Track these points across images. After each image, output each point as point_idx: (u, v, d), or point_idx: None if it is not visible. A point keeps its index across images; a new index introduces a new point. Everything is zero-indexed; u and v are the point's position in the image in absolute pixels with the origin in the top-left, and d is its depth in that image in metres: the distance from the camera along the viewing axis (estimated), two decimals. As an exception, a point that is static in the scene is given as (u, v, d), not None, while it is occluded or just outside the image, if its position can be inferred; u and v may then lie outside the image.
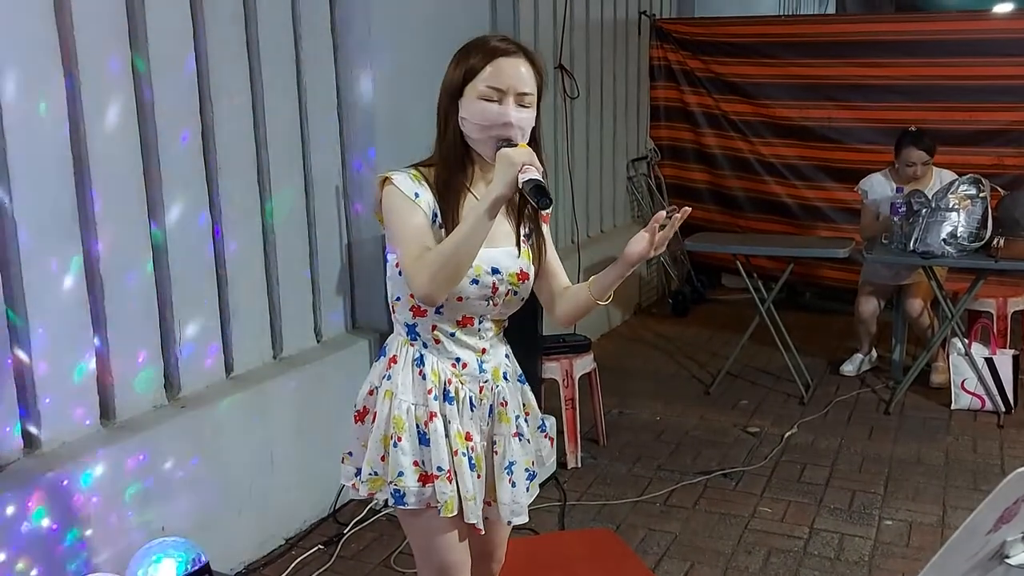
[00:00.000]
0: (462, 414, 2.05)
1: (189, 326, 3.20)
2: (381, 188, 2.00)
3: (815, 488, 3.93)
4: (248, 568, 3.33)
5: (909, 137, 4.78)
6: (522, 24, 5.05)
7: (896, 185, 4.79)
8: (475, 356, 2.08)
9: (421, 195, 1.97)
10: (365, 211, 3.89)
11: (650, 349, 5.90)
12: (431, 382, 2.02)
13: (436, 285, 1.87)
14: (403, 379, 2.03)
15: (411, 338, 2.06)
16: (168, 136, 3.05)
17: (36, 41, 2.63)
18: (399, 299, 2.05)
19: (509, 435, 2.12)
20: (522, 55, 1.97)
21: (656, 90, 6.93)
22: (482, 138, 1.95)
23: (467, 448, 2.04)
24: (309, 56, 3.65)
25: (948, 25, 5.96)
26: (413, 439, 2.02)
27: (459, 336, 2.05)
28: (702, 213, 6.82)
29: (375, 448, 2.05)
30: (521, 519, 2.14)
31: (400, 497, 2.02)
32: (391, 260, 2.05)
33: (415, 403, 2.02)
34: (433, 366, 2.03)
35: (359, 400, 2.14)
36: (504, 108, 1.92)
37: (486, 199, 1.86)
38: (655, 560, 3.39)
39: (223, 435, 3.23)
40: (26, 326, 2.67)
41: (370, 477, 2.06)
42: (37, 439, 2.74)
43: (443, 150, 2.00)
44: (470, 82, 1.94)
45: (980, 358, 4.63)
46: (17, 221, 2.61)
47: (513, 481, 2.11)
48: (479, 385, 2.08)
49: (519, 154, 1.85)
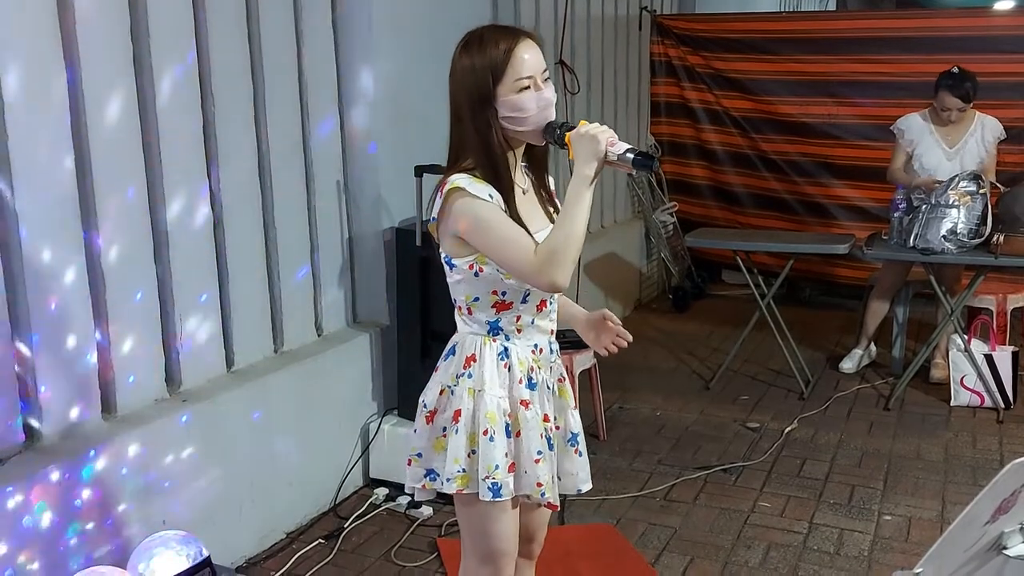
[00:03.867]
0: (542, 397, 2.13)
1: (190, 320, 3.20)
2: (446, 200, 2.00)
3: (815, 483, 3.94)
4: (249, 562, 3.33)
5: (947, 80, 4.64)
6: (523, 19, 5.06)
7: (934, 126, 4.73)
8: (547, 339, 2.17)
9: (494, 195, 1.99)
10: (366, 205, 3.90)
11: (651, 344, 5.90)
12: (518, 372, 2.09)
13: (566, 272, 1.92)
14: (490, 375, 2.07)
15: (493, 335, 2.09)
16: (169, 130, 3.05)
17: (38, 34, 2.63)
18: (477, 299, 2.08)
19: (570, 408, 2.23)
20: (527, 37, 2.01)
21: (657, 86, 6.93)
22: (527, 129, 2.01)
23: (545, 429, 2.12)
24: (310, 50, 3.65)
25: (949, 22, 5.96)
26: (503, 432, 2.06)
27: (537, 322, 2.13)
28: (702, 209, 6.83)
29: (461, 445, 2.06)
30: (588, 486, 2.26)
31: (498, 490, 2.04)
32: (459, 265, 2.05)
33: (503, 396, 2.07)
34: (518, 356, 2.09)
35: (429, 402, 2.15)
36: (540, 92, 1.99)
37: (581, 179, 1.93)
38: (655, 554, 3.39)
39: (224, 429, 3.23)
40: (27, 319, 2.67)
41: (457, 474, 2.06)
42: (38, 432, 2.75)
43: (490, 155, 2.00)
44: (500, 82, 1.96)
45: (979, 354, 4.63)
46: (19, 214, 2.62)
47: (579, 451, 2.23)
48: (549, 367, 2.17)
49: (601, 131, 1.93)
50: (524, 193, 2.11)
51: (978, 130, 4.70)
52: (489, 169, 2.01)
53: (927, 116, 4.80)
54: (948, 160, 4.73)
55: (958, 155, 4.72)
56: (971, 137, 4.71)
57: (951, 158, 4.73)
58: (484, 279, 2.04)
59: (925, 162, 4.77)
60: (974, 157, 4.69)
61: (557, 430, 2.20)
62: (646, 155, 1.92)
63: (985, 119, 4.74)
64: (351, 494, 3.82)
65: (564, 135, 1.97)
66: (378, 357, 3.94)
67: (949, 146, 4.74)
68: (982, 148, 4.70)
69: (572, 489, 2.24)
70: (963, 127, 4.73)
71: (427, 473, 2.16)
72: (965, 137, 4.72)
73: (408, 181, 3.73)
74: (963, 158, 4.71)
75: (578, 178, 1.94)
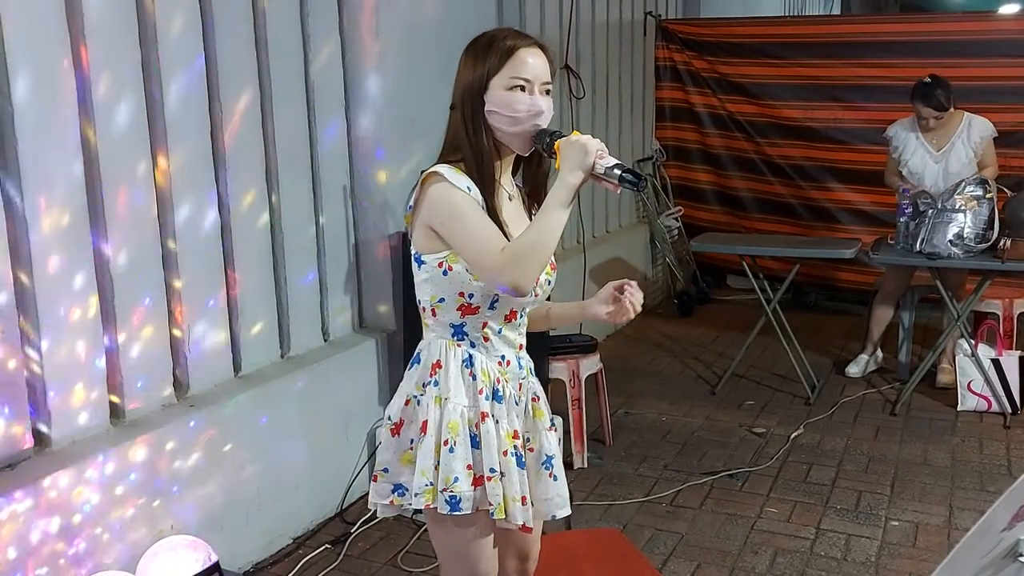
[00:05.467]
0: (509, 412, 2.04)
1: (198, 325, 3.21)
2: (423, 184, 1.95)
3: (821, 488, 3.93)
4: (256, 567, 3.33)
5: (920, 90, 4.66)
6: (528, 24, 5.07)
7: (920, 131, 4.74)
8: (515, 353, 2.08)
9: (472, 189, 1.94)
10: (372, 211, 3.90)
11: (656, 349, 5.90)
12: (481, 382, 2.00)
13: (529, 275, 1.85)
14: (454, 382, 1.99)
15: (457, 339, 2.01)
16: (177, 136, 3.06)
17: (47, 40, 2.64)
18: (443, 300, 1.99)
19: (544, 429, 2.13)
20: (538, 46, 1.99)
21: (661, 90, 6.93)
22: (514, 131, 1.96)
23: (514, 447, 2.02)
24: (317, 55, 3.66)
25: (953, 26, 5.96)
26: (466, 442, 1.97)
27: (504, 332, 2.04)
28: (707, 214, 6.83)
29: (428, 457, 1.96)
30: (565, 511, 2.14)
31: (456, 503, 1.94)
32: (429, 262, 1.98)
33: (467, 405, 1.99)
34: (482, 365, 2.01)
35: (394, 413, 2.05)
36: (534, 98, 1.95)
37: (563, 188, 1.86)
38: (662, 560, 3.39)
39: (231, 434, 3.23)
40: (37, 325, 2.68)
41: (426, 488, 1.95)
42: (47, 437, 2.75)
43: (475, 146, 1.96)
44: (495, 76, 1.94)
45: (986, 359, 4.63)
46: (28, 220, 2.62)
47: (554, 475, 2.12)
48: (518, 382, 2.08)
49: (591, 141, 1.87)
50: (510, 200, 2.06)
51: (964, 131, 4.69)
52: (472, 160, 1.96)
53: (914, 121, 4.82)
54: (935, 163, 4.75)
55: (944, 158, 4.73)
56: (957, 139, 4.70)
57: (938, 161, 4.74)
58: (452, 279, 1.96)
59: (912, 166, 4.80)
60: (960, 158, 4.70)
61: (531, 452, 2.11)
62: (634, 174, 1.84)
63: (973, 119, 4.72)
64: (357, 499, 3.81)
65: (554, 143, 1.92)
66: (384, 362, 3.94)
67: (936, 149, 4.75)
68: (968, 148, 4.70)
69: (547, 515, 2.13)
70: (950, 130, 4.72)
71: (395, 488, 2.05)
72: (952, 139, 4.71)
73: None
74: (949, 160, 4.72)
75: (560, 185, 1.87)
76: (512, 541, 2.20)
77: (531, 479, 2.09)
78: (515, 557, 2.25)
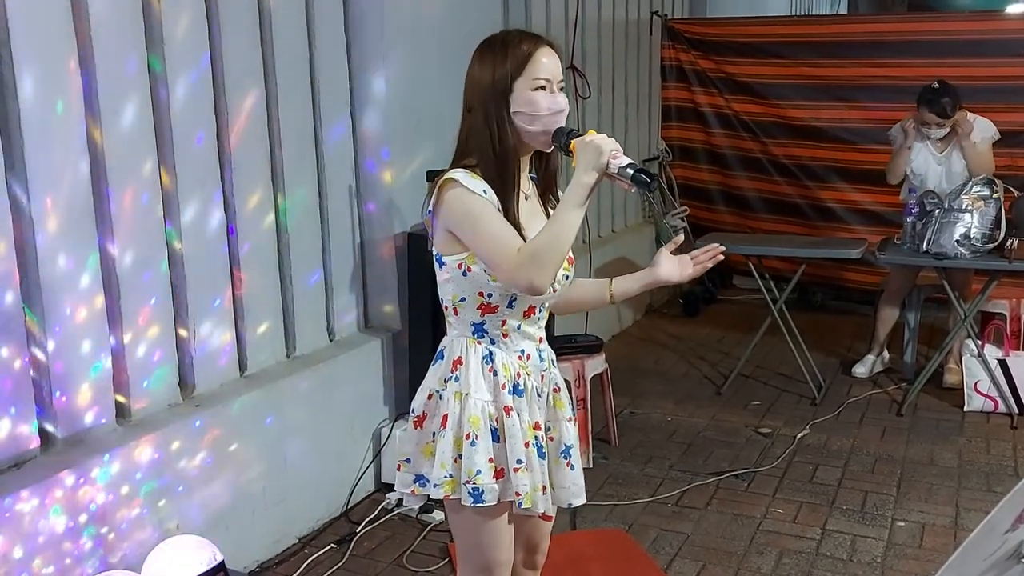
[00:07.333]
0: (531, 405, 2.10)
1: (203, 325, 3.21)
2: (440, 191, 2.00)
3: (827, 489, 3.92)
4: (262, 566, 3.34)
5: (926, 95, 4.66)
6: (534, 24, 5.05)
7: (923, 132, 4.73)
8: (535, 346, 2.14)
9: (488, 192, 1.99)
10: (378, 210, 3.91)
11: (661, 349, 5.90)
12: (503, 377, 2.06)
13: (546, 275, 1.91)
14: (475, 378, 2.05)
15: (477, 337, 2.08)
16: (183, 135, 3.07)
17: (54, 40, 2.65)
18: (464, 300, 2.06)
19: (564, 419, 2.20)
20: (549, 45, 2.04)
21: (667, 90, 6.92)
22: (536, 129, 2.01)
23: (536, 437, 2.09)
24: (323, 55, 3.67)
25: (960, 25, 5.94)
26: (487, 436, 2.04)
27: (524, 328, 2.11)
28: (713, 214, 6.82)
29: (448, 450, 2.05)
30: (580, 500, 2.21)
31: (479, 495, 2.02)
32: (449, 263, 2.04)
33: (488, 400, 2.05)
34: (503, 361, 2.07)
35: (417, 406, 2.14)
36: (555, 96, 2.01)
37: (578, 187, 1.92)
38: (667, 560, 3.39)
39: (237, 434, 3.24)
40: (43, 325, 2.69)
41: (445, 480, 2.05)
42: (53, 437, 2.76)
43: (499, 148, 2.01)
44: (519, 77, 1.99)
45: (993, 360, 4.61)
46: (34, 220, 2.63)
47: (572, 464, 2.20)
48: (540, 374, 2.15)
49: (606, 141, 1.92)
50: (526, 199, 2.11)
51: (976, 132, 4.67)
52: (493, 164, 2.00)
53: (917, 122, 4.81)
54: (938, 164, 4.76)
55: (947, 159, 4.74)
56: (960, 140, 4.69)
57: (940, 163, 4.76)
58: (471, 279, 2.03)
59: (915, 166, 4.81)
60: (962, 159, 4.69)
61: (551, 441, 2.18)
62: (647, 173, 1.90)
63: (976, 121, 4.71)
64: (363, 499, 3.82)
65: (570, 141, 1.98)
66: (390, 362, 3.94)
67: (939, 151, 4.75)
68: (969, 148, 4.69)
69: (563, 503, 2.20)
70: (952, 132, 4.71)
71: (416, 478, 2.15)
72: (954, 141, 4.70)
73: (420, 186, 3.73)
74: (951, 161, 4.72)
75: (576, 185, 1.92)
76: (523, 532, 2.25)
77: (551, 468, 2.16)
78: (524, 549, 2.30)
